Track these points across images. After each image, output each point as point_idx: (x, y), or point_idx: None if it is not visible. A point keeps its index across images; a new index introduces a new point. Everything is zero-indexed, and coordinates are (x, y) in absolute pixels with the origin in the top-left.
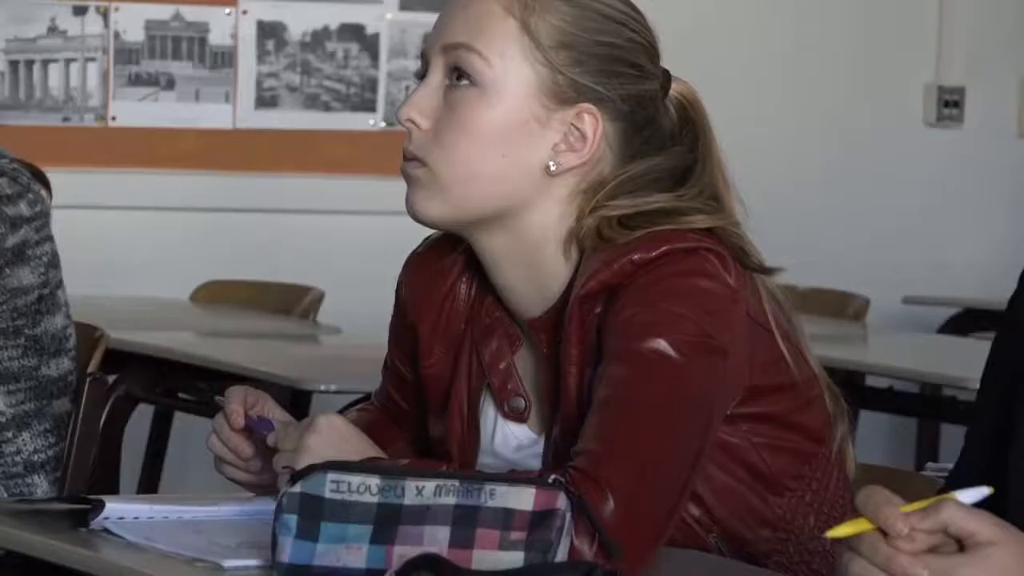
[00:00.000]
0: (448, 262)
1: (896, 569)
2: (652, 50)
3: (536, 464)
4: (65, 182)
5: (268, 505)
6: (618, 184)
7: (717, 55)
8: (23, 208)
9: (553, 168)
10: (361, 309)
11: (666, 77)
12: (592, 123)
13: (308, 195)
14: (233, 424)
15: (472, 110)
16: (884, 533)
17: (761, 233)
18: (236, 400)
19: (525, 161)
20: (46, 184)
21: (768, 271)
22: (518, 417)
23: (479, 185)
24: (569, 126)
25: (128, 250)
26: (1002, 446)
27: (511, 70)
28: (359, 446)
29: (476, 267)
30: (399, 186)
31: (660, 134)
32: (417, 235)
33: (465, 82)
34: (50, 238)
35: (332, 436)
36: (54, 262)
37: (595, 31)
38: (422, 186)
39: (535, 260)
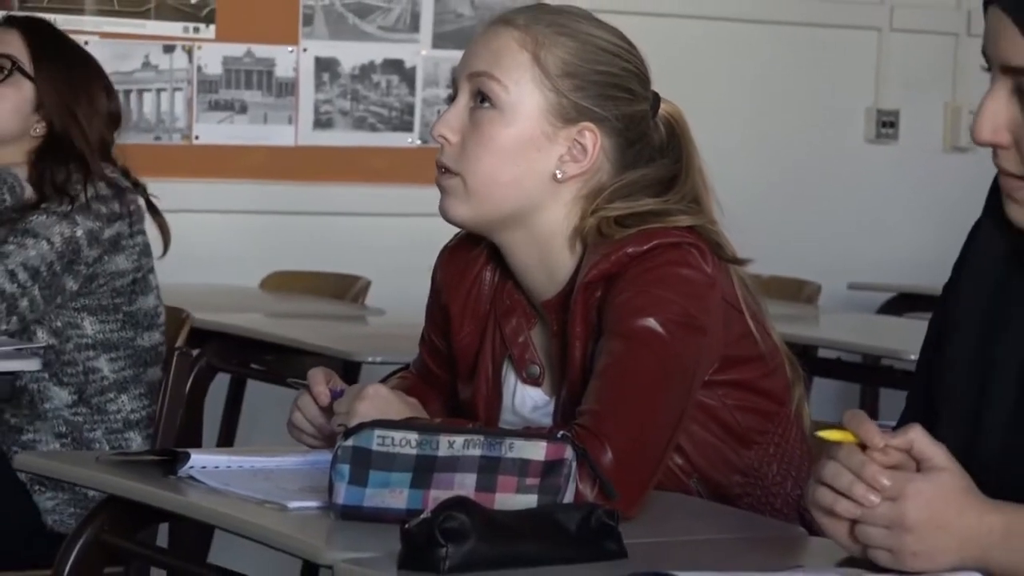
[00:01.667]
0: (475, 253)
1: (866, 474)
2: (643, 77)
3: (549, 421)
4: (156, 190)
5: (325, 456)
6: (615, 190)
7: (695, 85)
8: (117, 207)
9: (559, 176)
10: (401, 294)
11: (656, 99)
12: (592, 139)
13: (356, 200)
14: (321, 403)
15: (493, 128)
16: (862, 447)
17: (733, 231)
18: (320, 382)
19: (536, 170)
20: (144, 192)
21: (739, 262)
22: (534, 382)
23: (499, 190)
24: (573, 141)
25: (209, 246)
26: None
27: (524, 95)
28: (399, 408)
29: (498, 258)
30: (432, 193)
31: (650, 147)
32: (447, 232)
33: (487, 104)
34: (142, 232)
35: (377, 402)
36: (146, 251)
37: (594, 62)
38: (453, 194)
39: (546, 253)
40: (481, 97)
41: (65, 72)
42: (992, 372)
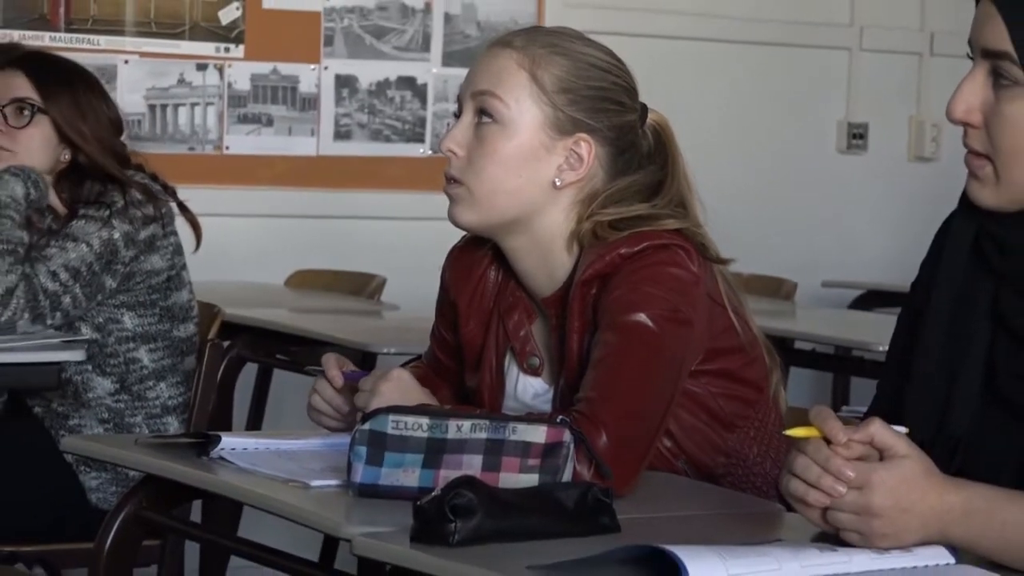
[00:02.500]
0: (480, 254)
1: (831, 467)
2: (631, 90)
3: (548, 408)
4: (190, 196)
5: (344, 439)
6: (608, 195)
7: (683, 100)
8: (151, 210)
9: (558, 183)
10: (414, 291)
11: (644, 110)
12: (587, 148)
13: (373, 205)
14: (336, 385)
15: (496, 141)
16: (827, 441)
17: (718, 233)
18: (333, 366)
19: (536, 178)
20: (174, 195)
21: (722, 261)
22: (534, 372)
23: (503, 198)
24: (569, 151)
25: (238, 247)
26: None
27: (524, 110)
28: (417, 395)
29: (501, 259)
30: (441, 199)
31: (639, 154)
32: (455, 235)
33: (490, 120)
34: (174, 233)
35: (400, 384)
36: (178, 250)
37: (587, 78)
38: (460, 201)
39: (547, 254)
40: (484, 113)
41: (70, 95)
42: (960, 356)
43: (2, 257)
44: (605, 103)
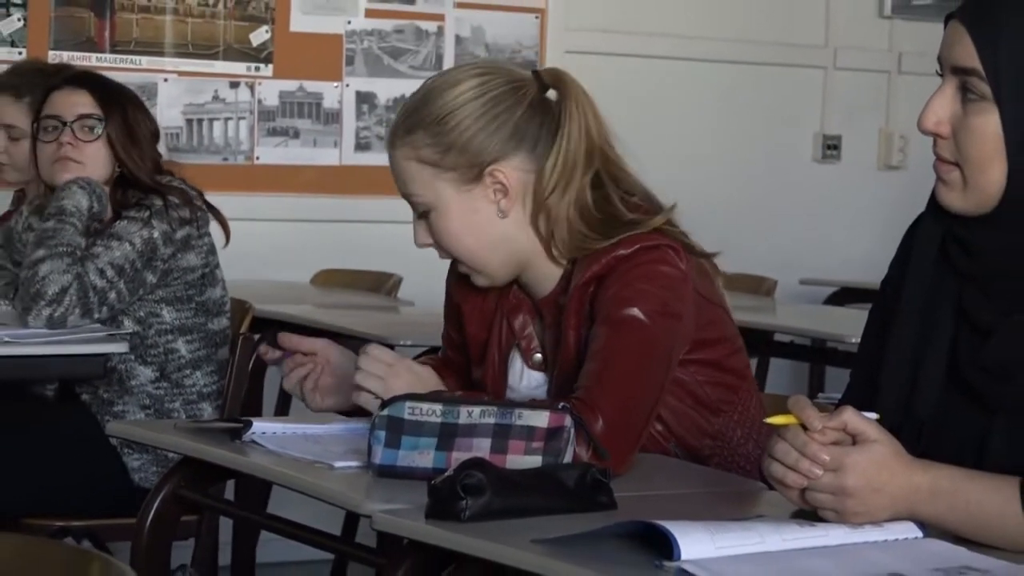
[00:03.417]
0: None
1: (808, 451)
2: (508, 85)
3: (546, 396)
4: (223, 202)
5: (364, 424)
6: (550, 190)
7: (673, 115)
8: (187, 213)
9: (502, 214)
10: (427, 289)
11: (538, 80)
12: (502, 175)
13: (390, 211)
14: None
15: (441, 227)
16: (804, 428)
17: (704, 235)
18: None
19: (488, 225)
20: (201, 197)
21: (706, 255)
22: (538, 367)
23: (488, 256)
24: (491, 188)
25: (267, 248)
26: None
27: (438, 191)
28: (429, 383)
29: None
30: None
31: (550, 120)
32: None
33: (427, 213)
34: (208, 233)
35: (412, 379)
36: (212, 250)
37: (453, 129)
38: (476, 279)
39: (535, 269)
40: (422, 213)
41: (122, 113)
42: (926, 346)
43: (61, 259)
44: (483, 132)
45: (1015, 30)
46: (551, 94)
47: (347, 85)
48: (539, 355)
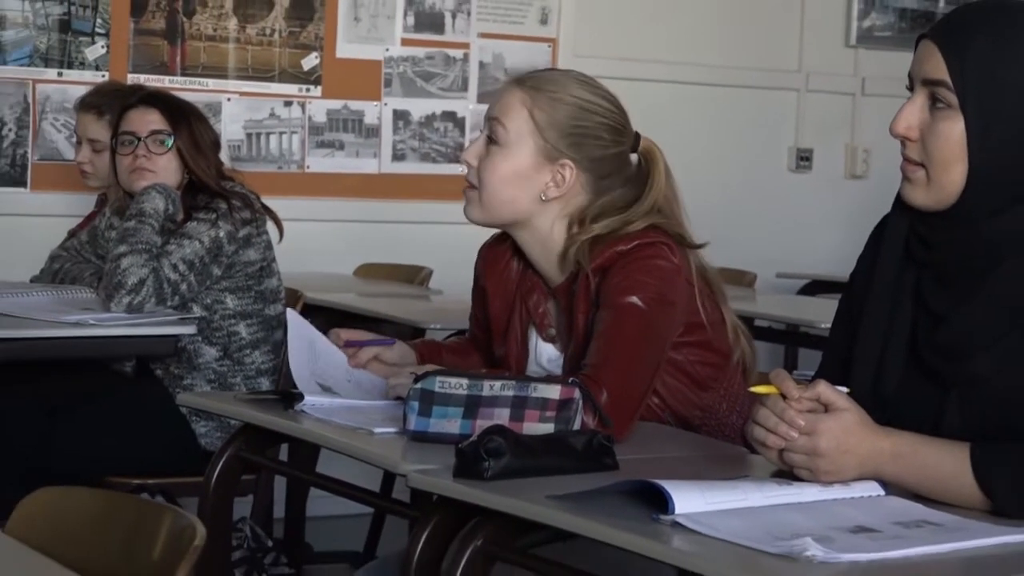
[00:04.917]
0: (503, 248)
1: (786, 417)
2: (618, 127)
3: (559, 371)
4: (278, 205)
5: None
6: (592, 212)
7: (667, 130)
8: (248, 214)
9: (544, 198)
10: (454, 280)
11: (636, 139)
12: (570, 173)
13: (422, 213)
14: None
15: (496, 160)
16: (783, 396)
17: (694, 233)
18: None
19: (527, 192)
20: (258, 198)
21: (697, 246)
22: (551, 340)
23: (500, 204)
24: (554, 173)
25: (316, 245)
26: (847, 361)
27: (520, 139)
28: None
29: (521, 253)
30: None
31: (623, 176)
32: (486, 235)
33: (494, 142)
34: (266, 232)
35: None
36: (269, 246)
37: (573, 117)
38: (471, 203)
39: (546, 252)
40: (492, 137)
41: (188, 127)
42: (891, 330)
43: (139, 254)
44: (587, 139)
45: (980, 48)
46: (634, 157)
47: (385, 104)
48: (552, 329)
